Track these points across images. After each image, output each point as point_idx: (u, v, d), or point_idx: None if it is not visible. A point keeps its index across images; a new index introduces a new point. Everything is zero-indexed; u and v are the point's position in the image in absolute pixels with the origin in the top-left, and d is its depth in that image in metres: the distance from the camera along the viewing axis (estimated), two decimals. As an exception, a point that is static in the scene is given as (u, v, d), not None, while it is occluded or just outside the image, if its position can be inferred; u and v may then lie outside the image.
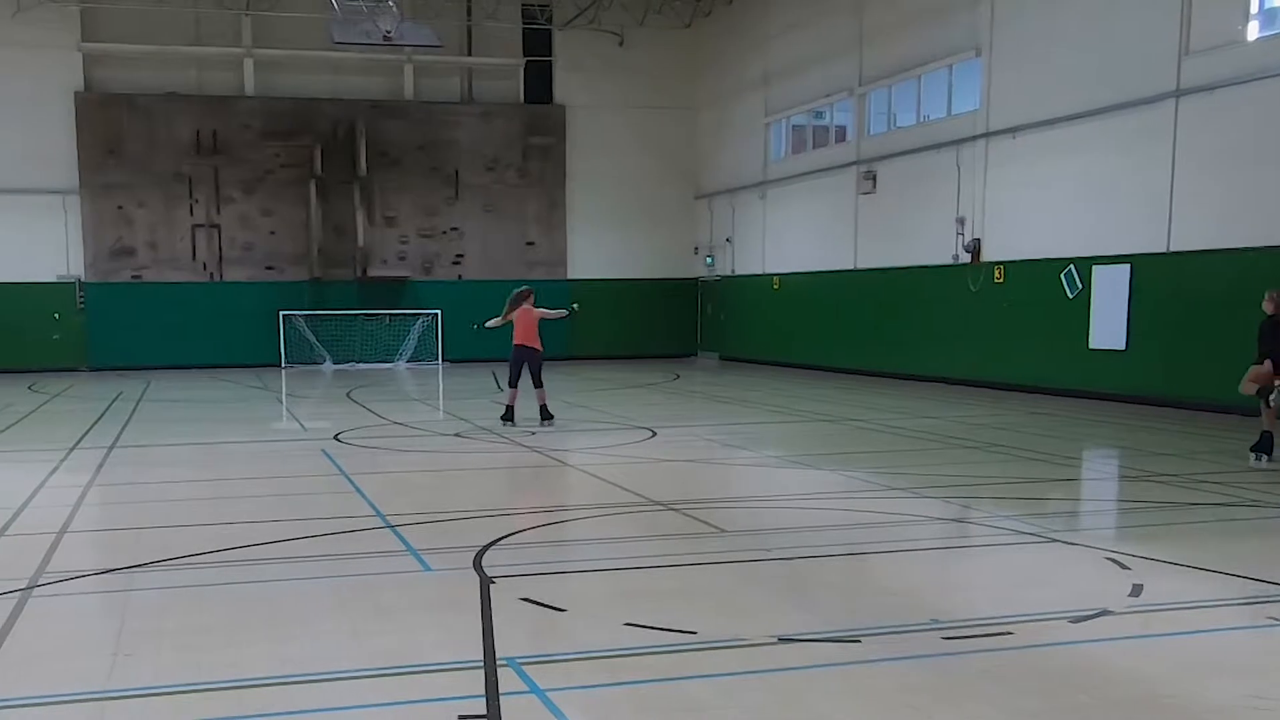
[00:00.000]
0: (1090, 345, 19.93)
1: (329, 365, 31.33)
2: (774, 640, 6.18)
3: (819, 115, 29.17)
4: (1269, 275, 15.08)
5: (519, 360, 16.57)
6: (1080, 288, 20.10)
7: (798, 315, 29.56)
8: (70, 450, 14.56)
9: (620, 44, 33.65)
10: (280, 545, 8.64)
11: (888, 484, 11.47)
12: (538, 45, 33.58)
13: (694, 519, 9.64)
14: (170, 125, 30.91)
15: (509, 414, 16.65)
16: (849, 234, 27.15)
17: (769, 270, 31.08)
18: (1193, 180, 17.92)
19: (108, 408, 20.32)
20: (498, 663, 5.78)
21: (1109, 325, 19.52)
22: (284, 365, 31.13)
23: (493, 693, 5.39)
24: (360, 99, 32.16)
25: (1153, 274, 18.67)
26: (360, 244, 31.99)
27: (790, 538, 8.92)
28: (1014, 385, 21.67)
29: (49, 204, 30.20)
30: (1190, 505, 10.29)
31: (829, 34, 27.68)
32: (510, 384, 16.77)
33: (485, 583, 7.37)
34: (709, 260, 34.35)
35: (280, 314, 31.34)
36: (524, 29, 33.17)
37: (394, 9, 26.41)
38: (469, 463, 13.67)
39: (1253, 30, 17.20)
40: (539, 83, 33.79)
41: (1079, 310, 20.14)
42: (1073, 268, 20.25)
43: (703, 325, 35.32)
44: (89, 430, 16.84)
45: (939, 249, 23.75)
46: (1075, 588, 7.41)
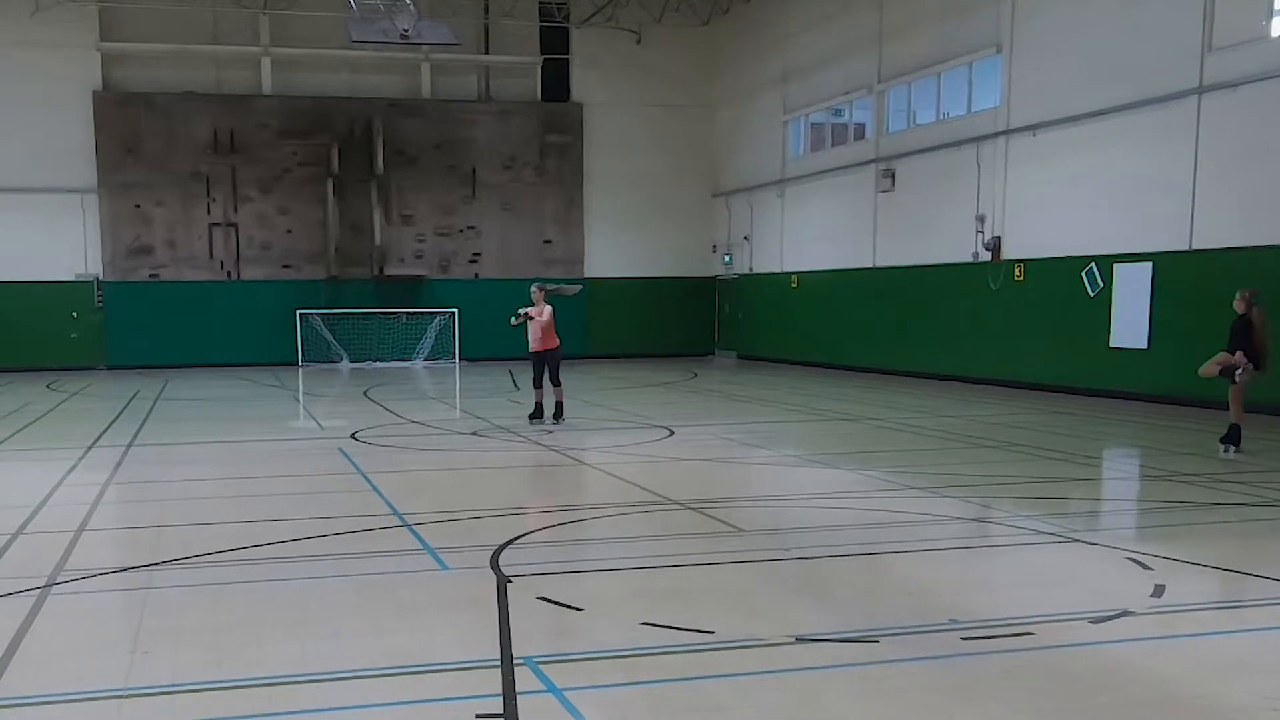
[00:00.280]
0: (1111, 344, 19.80)
1: (346, 364, 31.39)
2: (792, 640, 6.15)
3: (838, 113, 29.07)
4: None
5: (540, 362, 16.63)
6: (1101, 286, 19.98)
7: (816, 314, 29.48)
8: (88, 449, 14.61)
9: (638, 42, 33.62)
10: (298, 544, 8.64)
11: (907, 483, 11.41)
12: (555, 43, 33.57)
13: (712, 518, 9.61)
14: (188, 124, 31.03)
15: (539, 411, 16.78)
16: (868, 232, 27.05)
17: (787, 269, 31.00)
18: (1215, 177, 17.78)
19: (125, 406, 20.41)
20: (515, 662, 5.77)
21: (1130, 324, 19.39)
22: (301, 364, 31.20)
23: (510, 692, 5.37)
24: (377, 97, 32.21)
25: (1175, 272, 18.53)
26: (377, 242, 32.05)
27: (808, 537, 8.87)
28: (1034, 384, 21.54)
29: (67, 203, 30.37)
30: (1212, 505, 10.20)
31: (848, 31, 27.59)
32: (535, 385, 16.86)
33: (502, 582, 7.35)
34: (727, 259, 34.29)
35: (297, 312, 31.41)
36: (541, 27, 33.17)
37: (411, 7, 26.45)
38: (486, 461, 13.66)
39: (1276, 26, 17.09)
40: (556, 81, 33.79)
41: (1100, 309, 20.02)
42: (1094, 266, 20.12)
43: (720, 324, 35.26)
44: (107, 428, 16.91)
45: (959, 247, 23.64)
46: (1096, 588, 7.35)
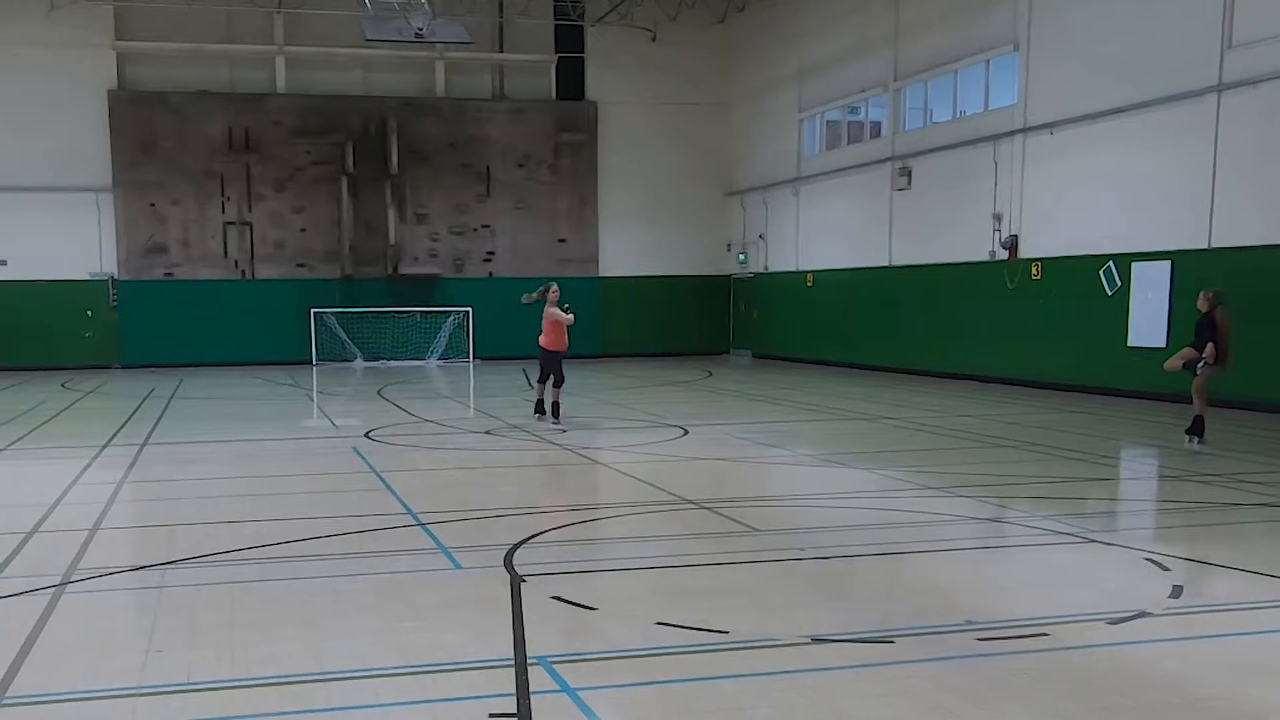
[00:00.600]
0: (1129, 343, 19.69)
1: (360, 362, 31.44)
2: (807, 640, 6.11)
3: (853, 111, 28.99)
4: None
5: (548, 360, 16.62)
6: (1119, 284, 19.87)
7: (831, 313, 29.41)
8: (103, 447, 14.64)
9: (653, 40, 33.58)
10: (312, 543, 8.64)
11: (923, 483, 11.35)
12: (569, 41, 33.56)
13: (726, 518, 9.57)
14: (202, 123, 31.12)
15: (540, 407, 16.77)
16: (883, 231, 26.97)
17: (802, 267, 30.93)
18: (1235, 175, 17.66)
19: (140, 405, 20.47)
20: (529, 661, 5.75)
21: (1149, 322, 19.27)
22: (315, 362, 31.26)
23: (523, 691, 5.35)
24: (392, 96, 32.25)
25: (1194, 270, 18.40)
26: (391, 241, 32.09)
27: (824, 537, 8.83)
28: (1051, 383, 21.43)
29: (82, 202, 30.49)
30: (1232, 505, 10.13)
31: (864, 28, 27.50)
32: (540, 380, 16.88)
33: (516, 581, 7.33)
34: (742, 257, 34.23)
35: (311, 311, 31.47)
36: (555, 25, 33.17)
37: (426, 6, 26.50)
38: (500, 461, 13.65)
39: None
40: (571, 79, 33.77)
41: (1118, 307, 19.91)
42: (1112, 264, 20.01)
43: (735, 323, 35.20)
44: (121, 427, 16.95)
45: (975, 246, 23.55)
46: (1113, 589, 7.29)
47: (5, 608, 6.91)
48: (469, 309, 32.36)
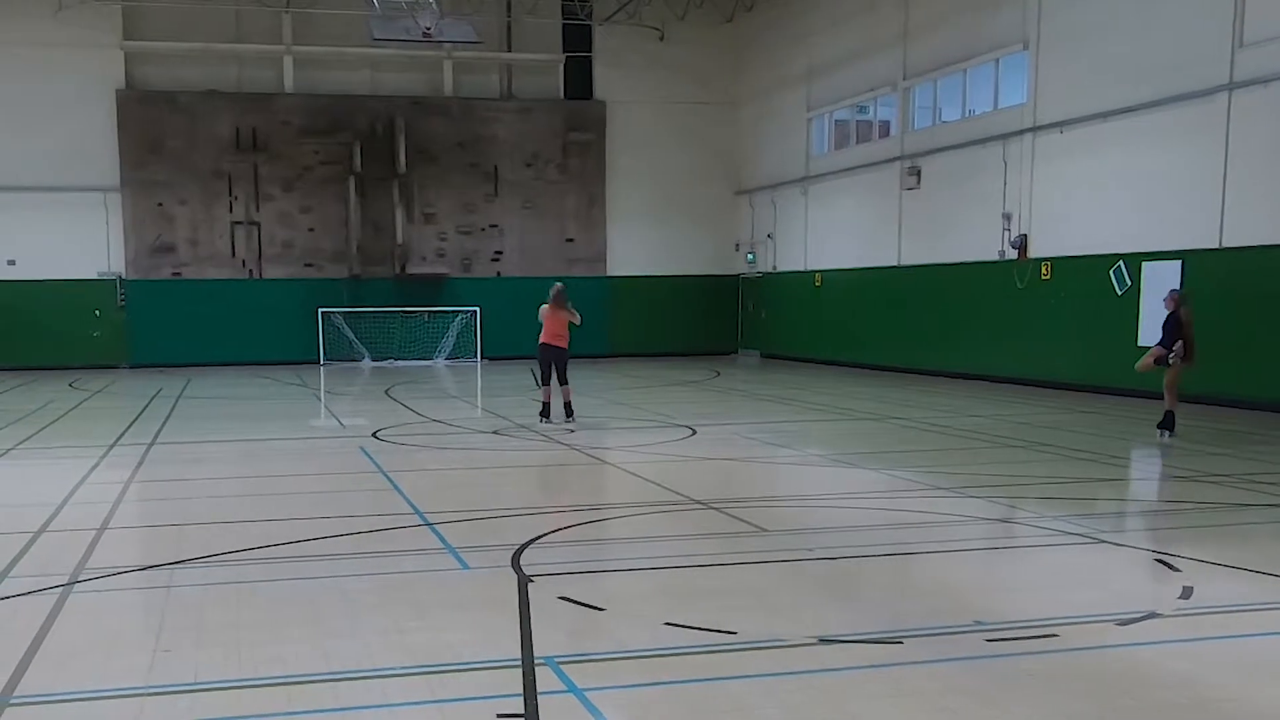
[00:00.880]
0: (1139, 343, 19.57)
1: (368, 362, 31.46)
2: (815, 641, 6.09)
3: (862, 110, 28.93)
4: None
5: (547, 359, 16.55)
6: (1129, 284, 19.79)
7: (840, 312, 29.35)
8: (110, 447, 14.66)
9: (661, 39, 33.56)
10: (319, 543, 8.63)
11: (932, 483, 11.32)
12: (578, 41, 33.54)
13: (734, 518, 9.55)
14: (210, 122, 31.15)
15: (545, 411, 16.67)
16: (892, 230, 26.91)
17: (811, 267, 30.88)
18: (1246, 174, 17.58)
19: (147, 404, 20.50)
20: (536, 661, 5.73)
21: (1159, 323, 19.14)
22: (323, 362, 31.28)
23: (530, 692, 5.34)
24: (400, 95, 32.26)
25: (1205, 270, 18.33)
26: (399, 241, 32.11)
27: (832, 537, 8.80)
28: (1061, 383, 21.36)
29: (90, 201, 30.54)
30: (1243, 506, 10.07)
31: (873, 27, 27.45)
32: (544, 382, 16.76)
33: (523, 581, 7.32)
34: (750, 257, 34.19)
35: (319, 311, 31.49)
36: (564, 24, 33.13)
37: (433, 5, 26.50)
38: (507, 460, 13.64)
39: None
40: (579, 78, 33.76)
41: (1128, 307, 19.83)
42: (1122, 264, 19.94)
43: (744, 322, 35.16)
44: (129, 427, 16.97)
45: (984, 245, 23.48)
46: (1123, 589, 7.27)
47: (13, 607, 6.91)
48: (477, 309, 32.35)
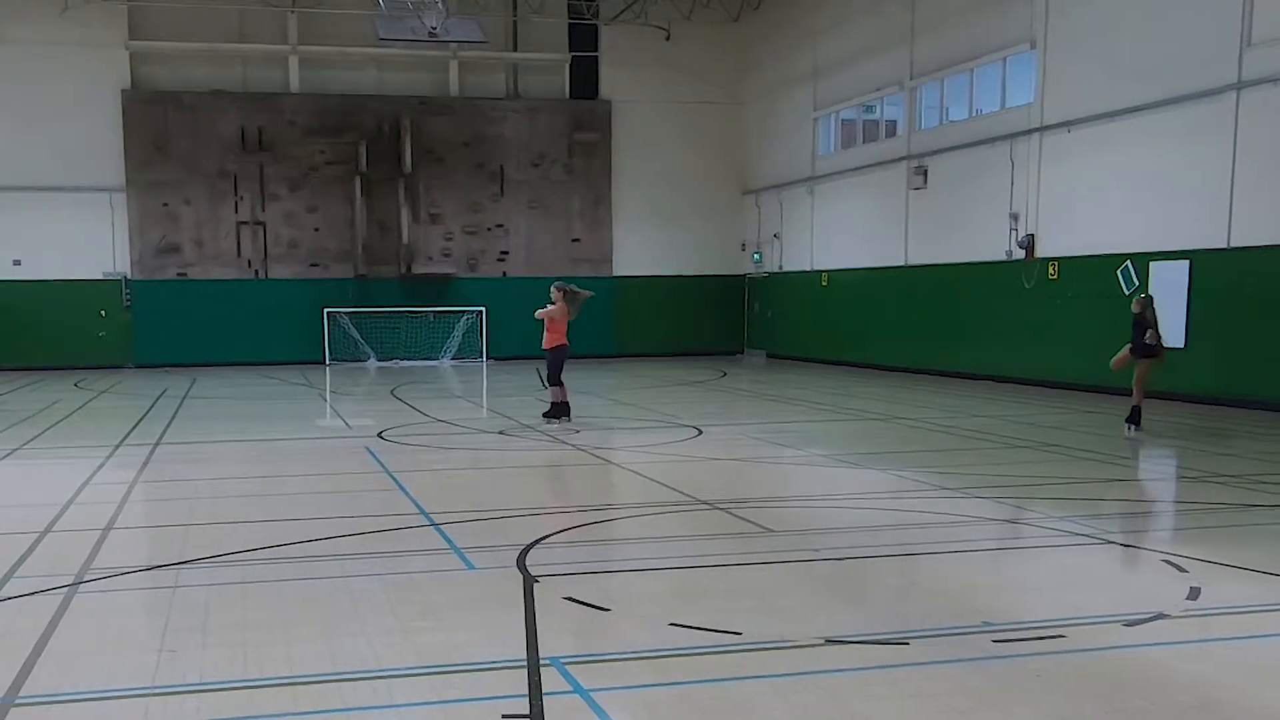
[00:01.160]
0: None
1: (373, 362, 31.46)
2: (822, 641, 6.07)
3: (869, 109, 28.90)
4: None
5: (557, 360, 16.48)
6: (1137, 284, 19.74)
7: (847, 312, 29.32)
8: (116, 447, 14.67)
9: (667, 38, 33.53)
10: (325, 543, 8.63)
11: (939, 484, 11.29)
12: (584, 40, 33.54)
13: (741, 518, 9.53)
14: (216, 122, 31.17)
15: (555, 410, 16.61)
16: (899, 230, 26.88)
17: (817, 267, 30.85)
18: (1255, 174, 17.53)
19: (153, 404, 20.52)
20: (541, 662, 5.72)
21: (1167, 323, 19.08)
22: (328, 362, 31.29)
23: (535, 692, 5.33)
24: (405, 95, 32.27)
25: (1213, 270, 18.29)
26: (405, 241, 32.12)
27: (839, 538, 8.78)
28: (1068, 384, 21.31)
29: (96, 201, 30.58)
30: (1251, 507, 10.03)
31: (879, 26, 27.41)
32: (553, 382, 16.68)
33: (529, 582, 7.31)
34: (756, 257, 34.17)
35: (325, 311, 31.50)
36: (570, 24, 33.14)
37: (439, 5, 26.51)
38: (513, 461, 13.63)
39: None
40: (585, 78, 33.75)
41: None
42: (1129, 264, 19.89)
43: (750, 322, 35.13)
44: (134, 427, 16.99)
45: (992, 245, 23.44)
46: (1130, 590, 7.25)
47: (18, 607, 6.91)
48: (482, 309, 32.34)
